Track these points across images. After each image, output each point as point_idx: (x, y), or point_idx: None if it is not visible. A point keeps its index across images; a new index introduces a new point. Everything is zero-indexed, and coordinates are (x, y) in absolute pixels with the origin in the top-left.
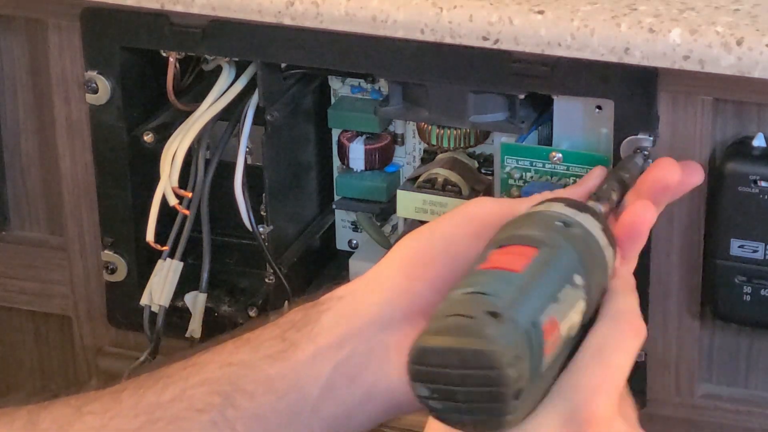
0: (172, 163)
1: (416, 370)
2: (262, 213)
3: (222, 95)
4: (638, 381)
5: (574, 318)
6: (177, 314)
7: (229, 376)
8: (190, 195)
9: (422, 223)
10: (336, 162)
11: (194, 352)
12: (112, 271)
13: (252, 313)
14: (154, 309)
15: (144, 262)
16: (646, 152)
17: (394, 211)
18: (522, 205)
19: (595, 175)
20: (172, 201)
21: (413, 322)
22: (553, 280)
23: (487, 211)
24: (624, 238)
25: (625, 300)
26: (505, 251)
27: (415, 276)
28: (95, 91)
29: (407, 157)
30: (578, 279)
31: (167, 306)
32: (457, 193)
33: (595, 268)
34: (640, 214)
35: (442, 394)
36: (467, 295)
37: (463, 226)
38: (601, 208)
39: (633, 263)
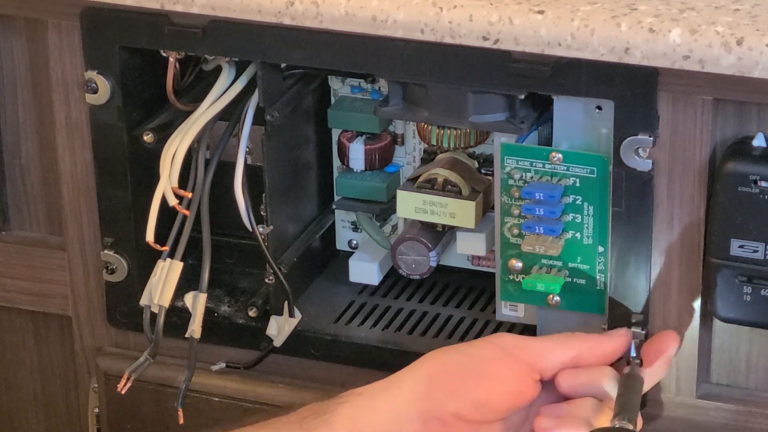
0: (172, 163)
1: None
2: (262, 213)
3: (222, 95)
4: None
5: None
6: (177, 314)
7: None
8: (190, 195)
9: (422, 223)
10: (336, 162)
11: None
12: (112, 271)
13: (252, 313)
14: (154, 309)
15: (144, 262)
16: (637, 360)
17: (394, 211)
18: (536, 344)
19: (617, 337)
20: (172, 201)
21: (427, 425)
22: None
23: (510, 340)
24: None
25: None
26: None
27: (438, 384)
28: (95, 91)
29: (407, 157)
30: None
31: (167, 306)
32: (457, 193)
33: None
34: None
35: None
36: None
37: (491, 349)
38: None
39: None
